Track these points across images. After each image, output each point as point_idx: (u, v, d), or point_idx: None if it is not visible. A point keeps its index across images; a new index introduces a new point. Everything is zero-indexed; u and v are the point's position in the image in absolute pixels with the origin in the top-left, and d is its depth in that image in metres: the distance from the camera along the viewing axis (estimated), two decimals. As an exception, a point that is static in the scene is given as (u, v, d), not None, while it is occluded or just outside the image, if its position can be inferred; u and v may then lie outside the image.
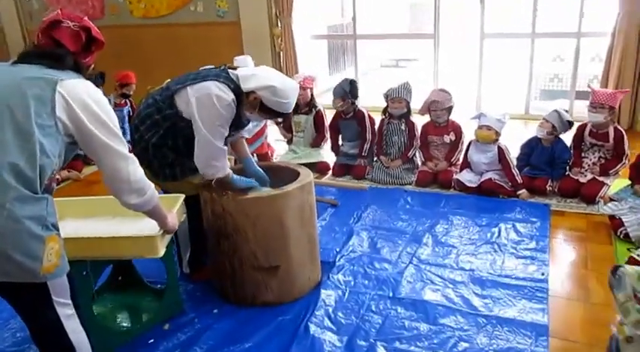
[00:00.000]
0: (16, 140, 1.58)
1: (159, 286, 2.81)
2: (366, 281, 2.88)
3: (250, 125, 3.02)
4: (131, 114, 5.65)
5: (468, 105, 6.37)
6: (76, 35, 1.80)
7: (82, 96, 1.71)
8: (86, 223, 2.47)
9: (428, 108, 4.20)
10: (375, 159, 4.49)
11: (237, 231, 2.54)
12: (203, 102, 2.44)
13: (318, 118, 4.69)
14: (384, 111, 4.44)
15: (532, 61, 6.00)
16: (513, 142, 4.16)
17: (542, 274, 2.88)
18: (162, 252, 2.19)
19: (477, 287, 2.78)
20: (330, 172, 4.62)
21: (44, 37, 1.79)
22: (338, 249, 3.21)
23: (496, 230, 3.42)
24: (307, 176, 2.71)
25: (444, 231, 3.44)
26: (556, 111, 3.85)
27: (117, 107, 5.53)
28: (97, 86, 4.80)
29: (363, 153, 4.47)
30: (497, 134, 3.93)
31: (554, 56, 8.16)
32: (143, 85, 5.71)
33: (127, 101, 5.55)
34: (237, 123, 2.61)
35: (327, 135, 4.75)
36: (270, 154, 4.88)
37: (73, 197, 2.70)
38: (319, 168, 4.62)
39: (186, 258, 2.91)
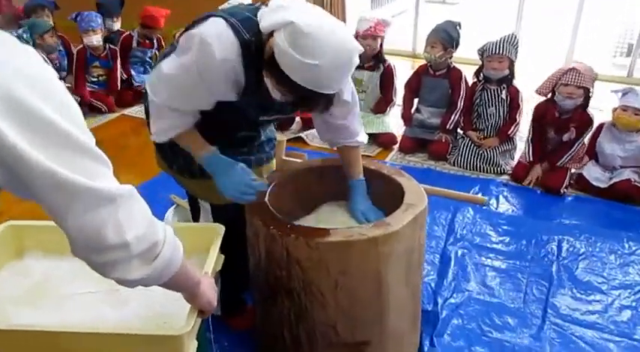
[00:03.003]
0: None
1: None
2: (488, 353, 1.92)
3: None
4: (157, 55, 4.52)
5: (555, 59, 5.18)
6: None
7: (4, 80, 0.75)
8: (59, 270, 1.49)
9: (553, 85, 2.93)
10: (461, 135, 3.42)
11: (309, 290, 1.55)
12: (182, 45, 1.44)
13: (387, 76, 3.57)
14: (478, 72, 3.31)
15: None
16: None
17: None
18: (190, 357, 1.21)
19: (662, 377, 1.82)
20: (397, 147, 3.57)
21: None
22: (434, 286, 2.23)
23: (652, 262, 2.41)
24: (419, 197, 1.68)
25: (575, 258, 2.44)
26: None
27: (140, 47, 4.41)
28: (114, 13, 3.22)
29: (448, 126, 3.39)
30: (647, 121, 2.84)
31: (650, 2, 6.79)
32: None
33: (154, 43, 4.43)
34: (263, 104, 1.52)
35: (396, 98, 3.65)
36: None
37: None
38: (382, 140, 3.57)
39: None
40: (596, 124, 3.02)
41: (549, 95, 2.98)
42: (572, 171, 3.03)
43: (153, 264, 0.94)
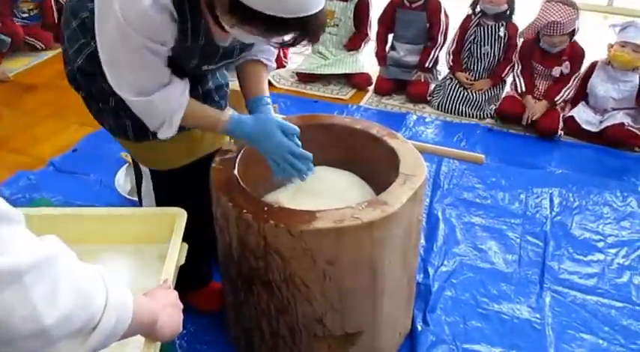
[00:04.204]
0: None
1: None
2: (486, 327, 1.75)
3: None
4: None
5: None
6: None
7: None
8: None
9: (537, 30, 2.72)
10: (448, 76, 3.11)
11: (292, 282, 1.31)
12: (100, 5, 1.13)
13: (362, 7, 3.19)
14: (474, 5, 2.97)
15: None
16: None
17: None
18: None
19: (668, 347, 1.71)
20: (372, 88, 3.27)
21: None
22: (423, 253, 2.02)
23: (646, 214, 2.27)
24: (417, 165, 1.43)
25: (568, 211, 2.28)
26: None
27: None
28: None
29: (427, 64, 3.09)
30: (646, 60, 2.62)
31: None
32: None
33: None
34: (207, 51, 1.25)
35: (371, 33, 3.30)
36: (281, 58, 3.39)
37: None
38: (356, 81, 3.27)
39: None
40: (588, 62, 2.79)
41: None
42: (562, 114, 2.82)
43: (89, 340, 0.68)
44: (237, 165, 1.41)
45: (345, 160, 1.61)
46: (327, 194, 1.51)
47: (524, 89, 2.83)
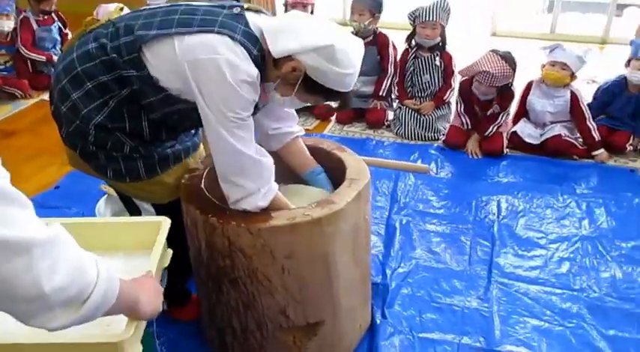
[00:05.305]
0: None
1: None
2: (439, 318, 1.93)
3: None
4: (63, 30, 4.13)
5: (481, 19, 5.26)
6: None
7: None
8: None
9: (472, 75, 2.96)
10: (397, 105, 3.38)
11: (255, 277, 1.49)
12: (208, 76, 1.34)
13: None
14: (409, 38, 3.27)
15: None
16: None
17: (684, 296, 2.02)
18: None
19: (600, 322, 1.90)
20: (334, 118, 3.51)
21: None
22: (381, 258, 2.22)
23: (584, 214, 2.50)
24: (361, 171, 1.64)
25: (513, 215, 2.50)
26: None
27: (42, 25, 4.02)
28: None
29: (380, 93, 3.35)
30: (573, 76, 2.91)
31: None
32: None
33: (54, 16, 4.05)
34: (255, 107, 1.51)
35: (330, 67, 3.57)
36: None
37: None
38: (319, 112, 3.50)
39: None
40: (525, 82, 3.08)
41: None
42: (505, 132, 3.08)
43: (81, 309, 0.84)
44: (203, 180, 1.61)
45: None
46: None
47: (469, 127, 3.09)
